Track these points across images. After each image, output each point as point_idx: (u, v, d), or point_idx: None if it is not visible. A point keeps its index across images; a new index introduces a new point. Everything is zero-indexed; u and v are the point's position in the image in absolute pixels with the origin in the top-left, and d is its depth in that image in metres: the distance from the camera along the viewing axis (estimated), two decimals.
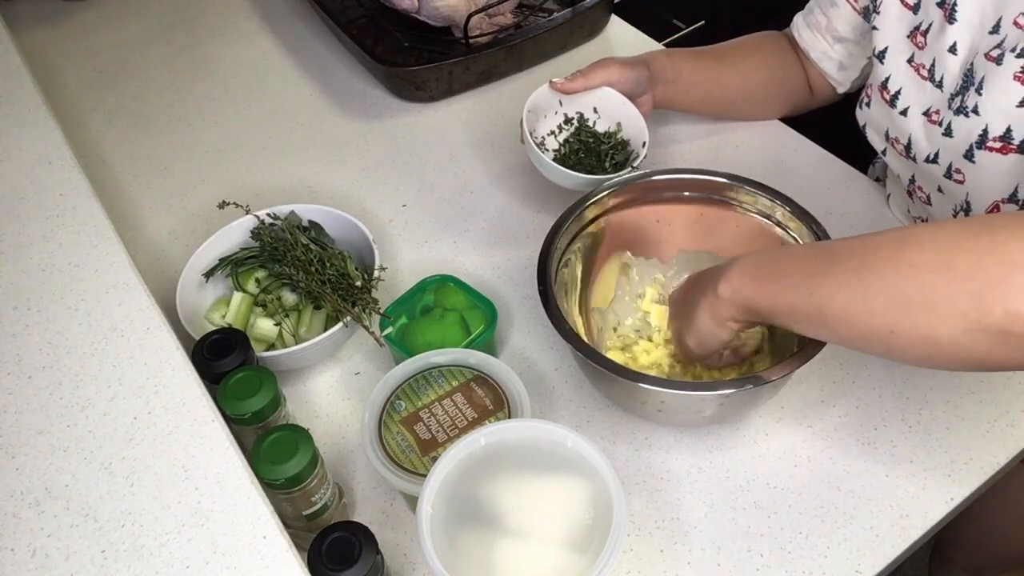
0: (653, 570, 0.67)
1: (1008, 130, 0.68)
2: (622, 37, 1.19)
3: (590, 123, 0.93)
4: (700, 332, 0.68)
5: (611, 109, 0.92)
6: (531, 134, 0.88)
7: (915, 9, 0.78)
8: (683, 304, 0.72)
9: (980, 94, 0.70)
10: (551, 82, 0.90)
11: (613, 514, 0.58)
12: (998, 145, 0.69)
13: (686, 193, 0.81)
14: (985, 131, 0.70)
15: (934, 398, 0.76)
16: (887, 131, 0.82)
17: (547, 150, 0.92)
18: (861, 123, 0.87)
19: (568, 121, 0.93)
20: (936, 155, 0.75)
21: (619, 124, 0.92)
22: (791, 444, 0.74)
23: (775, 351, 0.77)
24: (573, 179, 0.85)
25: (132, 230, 0.96)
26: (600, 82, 0.90)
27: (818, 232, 0.75)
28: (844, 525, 0.68)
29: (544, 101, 0.92)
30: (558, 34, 1.12)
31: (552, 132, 0.93)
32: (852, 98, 0.93)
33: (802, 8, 0.96)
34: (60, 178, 0.80)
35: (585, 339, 0.72)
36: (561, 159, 0.91)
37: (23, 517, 0.56)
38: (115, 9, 1.30)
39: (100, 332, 0.67)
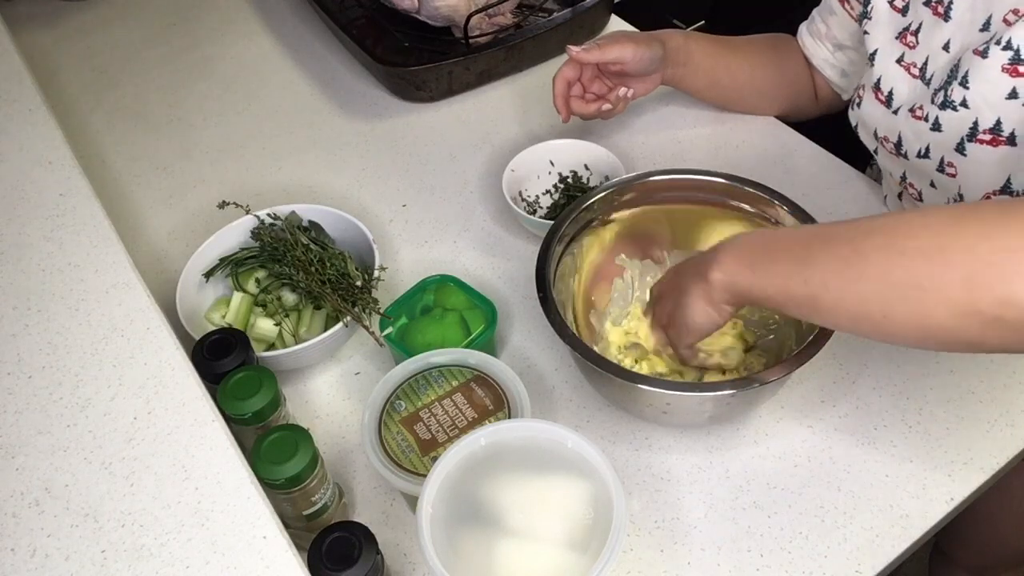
0: (653, 570, 0.67)
1: (998, 122, 0.69)
2: None
3: (583, 180, 0.95)
4: (694, 316, 0.67)
5: (600, 165, 0.94)
6: (521, 194, 0.94)
7: (903, 11, 0.79)
8: (671, 292, 0.71)
9: (967, 88, 0.70)
10: (568, 48, 0.90)
11: (613, 514, 0.58)
12: (988, 137, 0.70)
13: (685, 194, 0.81)
14: (976, 124, 0.70)
15: (934, 398, 0.76)
16: (876, 130, 0.83)
17: (541, 207, 0.95)
18: (853, 123, 0.87)
19: (563, 180, 0.96)
20: (927, 150, 0.76)
21: (606, 177, 0.93)
22: (791, 444, 0.74)
23: (769, 350, 0.77)
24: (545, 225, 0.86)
25: (132, 230, 0.96)
26: (614, 57, 0.90)
27: None
28: (844, 525, 0.68)
29: (534, 161, 0.95)
30: (558, 34, 1.12)
31: (548, 191, 0.96)
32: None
33: (803, 8, 0.96)
34: (60, 178, 0.80)
35: (584, 341, 0.72)
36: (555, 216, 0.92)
37: (23, 517, 0.56)
38: (115, 9, 1.30)
39: (100, 332, 0.67)
